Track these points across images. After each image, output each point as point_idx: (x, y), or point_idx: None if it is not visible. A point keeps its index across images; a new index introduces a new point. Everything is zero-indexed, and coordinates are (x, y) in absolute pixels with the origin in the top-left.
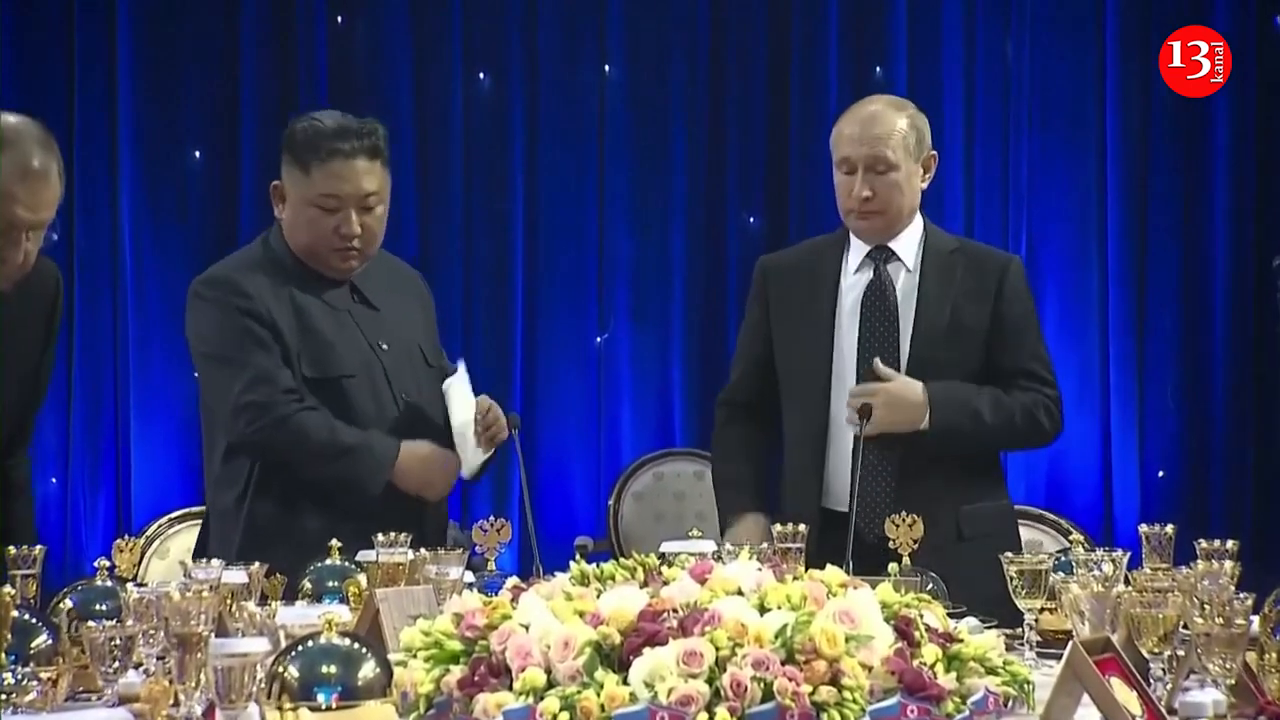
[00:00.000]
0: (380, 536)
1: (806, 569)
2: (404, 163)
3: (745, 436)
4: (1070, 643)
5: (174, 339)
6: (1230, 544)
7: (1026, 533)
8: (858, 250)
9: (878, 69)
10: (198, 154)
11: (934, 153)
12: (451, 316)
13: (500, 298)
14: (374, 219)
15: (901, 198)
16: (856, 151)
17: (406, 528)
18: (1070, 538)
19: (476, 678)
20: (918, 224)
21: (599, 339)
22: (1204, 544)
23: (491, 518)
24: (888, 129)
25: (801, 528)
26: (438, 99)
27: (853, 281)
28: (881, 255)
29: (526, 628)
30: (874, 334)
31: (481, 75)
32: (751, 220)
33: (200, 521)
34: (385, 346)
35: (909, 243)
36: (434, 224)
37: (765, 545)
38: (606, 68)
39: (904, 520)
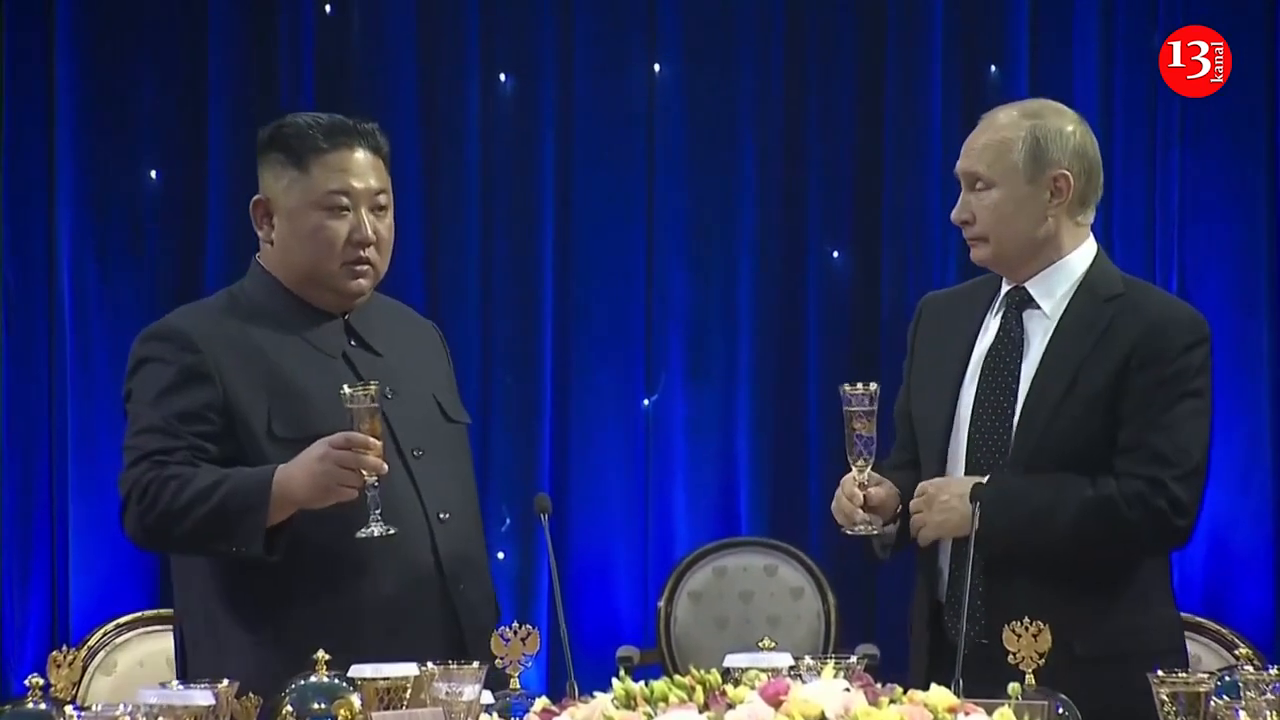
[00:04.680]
0: None
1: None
2: (408, 183)
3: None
4: None
5: (123, 404)
6: None
7: None
8: (1001, 294)
9: (992, 68)
10: (154, 174)
11: (1064, 173)
12: (466, 374)
13: (526, 351)
14: (385, 227)
15: (1007, 224)
16: (960, 164)
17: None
18: (1236, 652)
19: None
20: (1076, 263)
21: (647, 401)
22: None
23: (516, 624)
24: (991, 139)
25: None
26: (450, 106)
27: (990, 331)
28: (1016, 299)
29: None
30: (989, 400)
31: (503, 76)
32: (835, 255)
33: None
34: (390, 395)
35: (1054, 285)
36: (444, 259)
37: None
38: (657, 66)
39: (1026, 629)
